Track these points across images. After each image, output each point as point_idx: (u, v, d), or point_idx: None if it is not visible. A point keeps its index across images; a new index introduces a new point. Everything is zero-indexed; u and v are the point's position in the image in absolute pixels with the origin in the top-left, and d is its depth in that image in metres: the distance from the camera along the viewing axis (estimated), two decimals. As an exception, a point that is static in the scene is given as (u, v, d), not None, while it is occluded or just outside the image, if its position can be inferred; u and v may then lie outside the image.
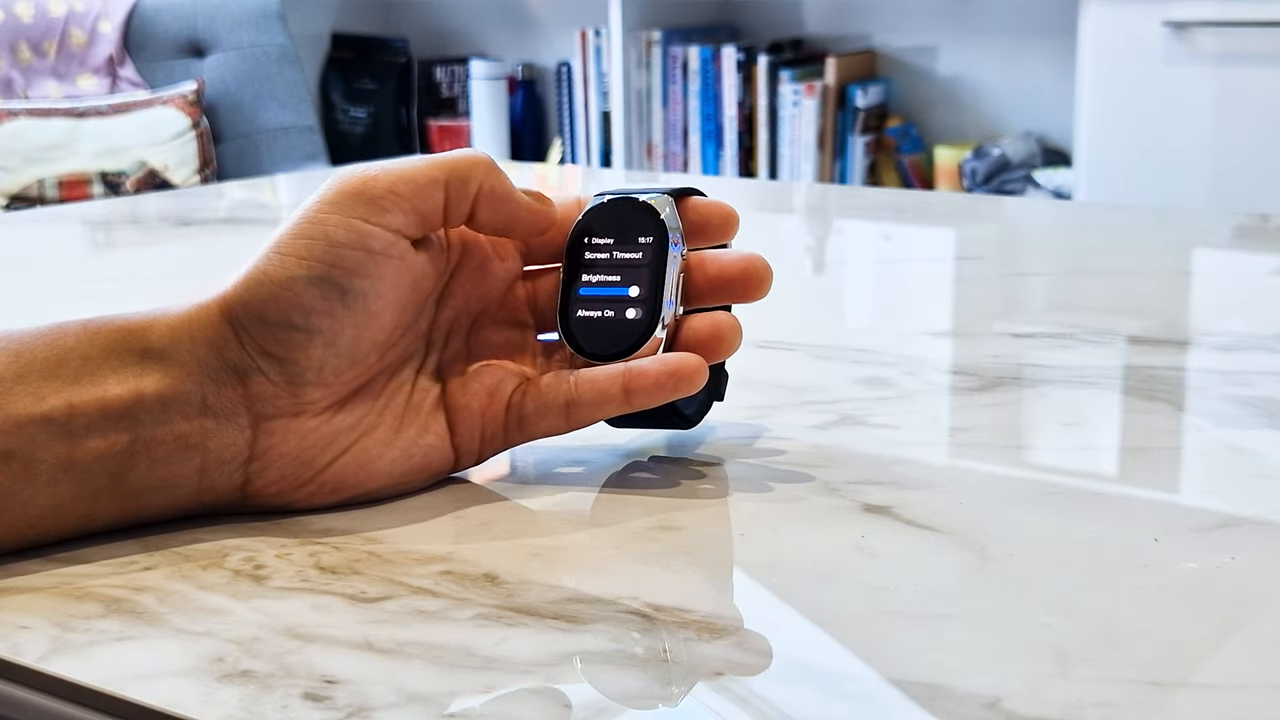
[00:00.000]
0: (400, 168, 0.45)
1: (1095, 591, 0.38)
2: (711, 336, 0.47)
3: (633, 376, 0.46)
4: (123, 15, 2.69)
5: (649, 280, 0.47)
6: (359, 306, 0.44)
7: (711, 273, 0.48)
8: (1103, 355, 0.63)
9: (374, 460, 0.45)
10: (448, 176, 0.45)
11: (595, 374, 0.46)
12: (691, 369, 0.46)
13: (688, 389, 0.46)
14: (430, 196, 0.45)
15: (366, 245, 0.43)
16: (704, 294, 0.48)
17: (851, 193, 1.77)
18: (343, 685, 0.34)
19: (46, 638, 0.37)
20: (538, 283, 0.49)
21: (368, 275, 0.43)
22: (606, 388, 0.46)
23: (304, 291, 0.43)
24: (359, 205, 0.44)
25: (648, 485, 0.47)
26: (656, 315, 0.47)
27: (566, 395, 0.46)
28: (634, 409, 0.46)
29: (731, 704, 0.33)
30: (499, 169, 0.46)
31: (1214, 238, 0.99)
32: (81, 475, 0.41)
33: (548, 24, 3.32)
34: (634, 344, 0.47)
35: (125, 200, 1.39)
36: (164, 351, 0.42)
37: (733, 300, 0.48)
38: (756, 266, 0.47)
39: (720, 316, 0.47)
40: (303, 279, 0.43)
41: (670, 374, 0.45)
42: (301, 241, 0.43)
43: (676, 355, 0.46)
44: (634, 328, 0.47)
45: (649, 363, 0.46)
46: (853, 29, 2.98)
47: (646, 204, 0.48)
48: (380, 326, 0.44)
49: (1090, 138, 2.45)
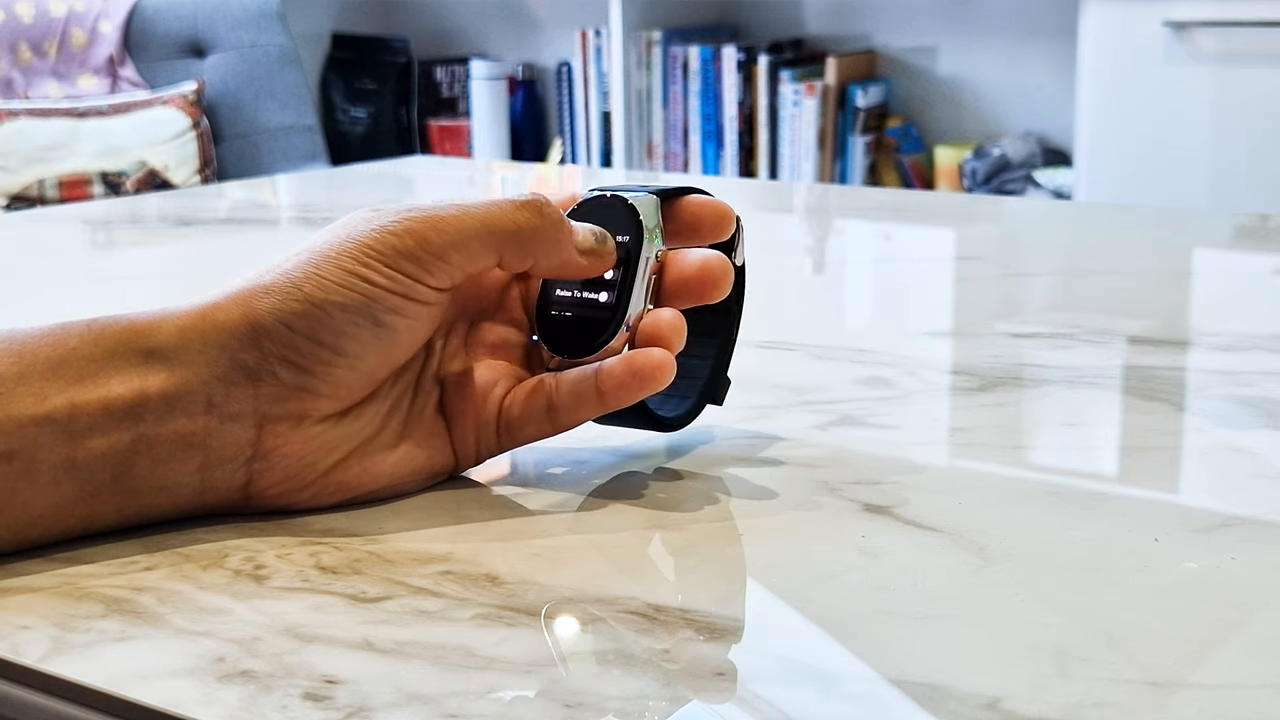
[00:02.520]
0: (458, 229, 0.43)
1: (1095, 591, 0.38)
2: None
3: (602, 378, 0.46)
4: (123, 15, 2.69)
5: (619, 279, 0.47)
6: (388, 338, 0.43)
7: (673, 273, 0.47)
8: (1103, 355, 0.63)
9: (377, 463, 0.45)
10: (502, 245, 0.44)
11: (572, 377, 0.46)
12: (654, 365, 0.45)
13: (652, 385, 0.45)
14: (481, 263, 0.44)
15: (410, 295, 0.43)
16: (670, 294, 0.47)
17: (851, 193, 1.77)
18: (343, 685, 0.34)
19: (47, 638, 0.37)
20: (530, 282, 0.49)
21: (405, 315, 0.43)
22: (582, 390, 0.46)
23: (337, 316, 0.42)
24: (407, 263, 0.43)
25: (648, 485, 0.47)
26: (622, 314, 0.46)
27: (548, 399, 0.46)
28: (609, 409, 0.46)
29: (731, 704, 0.33)
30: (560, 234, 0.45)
31: (1214, 238, 0.99)
32: (83, 475, 0.41)
33: (548, 24, 3.32)
34: (599, 342, 0.46)
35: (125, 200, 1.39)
36: (170, 351, 0.42)
37: (694, 302, 0.47)
38: (711, 267, 0.47)
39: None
40: (337, 305, 0.42)
41: (634, 374, 0.45)
42: (341, 273, 0.42)
43: (640, 352, 0.46)
44: (599, 326, 0.47)
45: (616, 362, 0.46)
46: (853, 29, 2.98)
47: (625, 202, 0.47)
48: (403, 354, 0.45)
49: (1090, 138, 2.45)
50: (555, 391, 0.46)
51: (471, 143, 3.30)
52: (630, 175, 2.46)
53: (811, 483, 0.47)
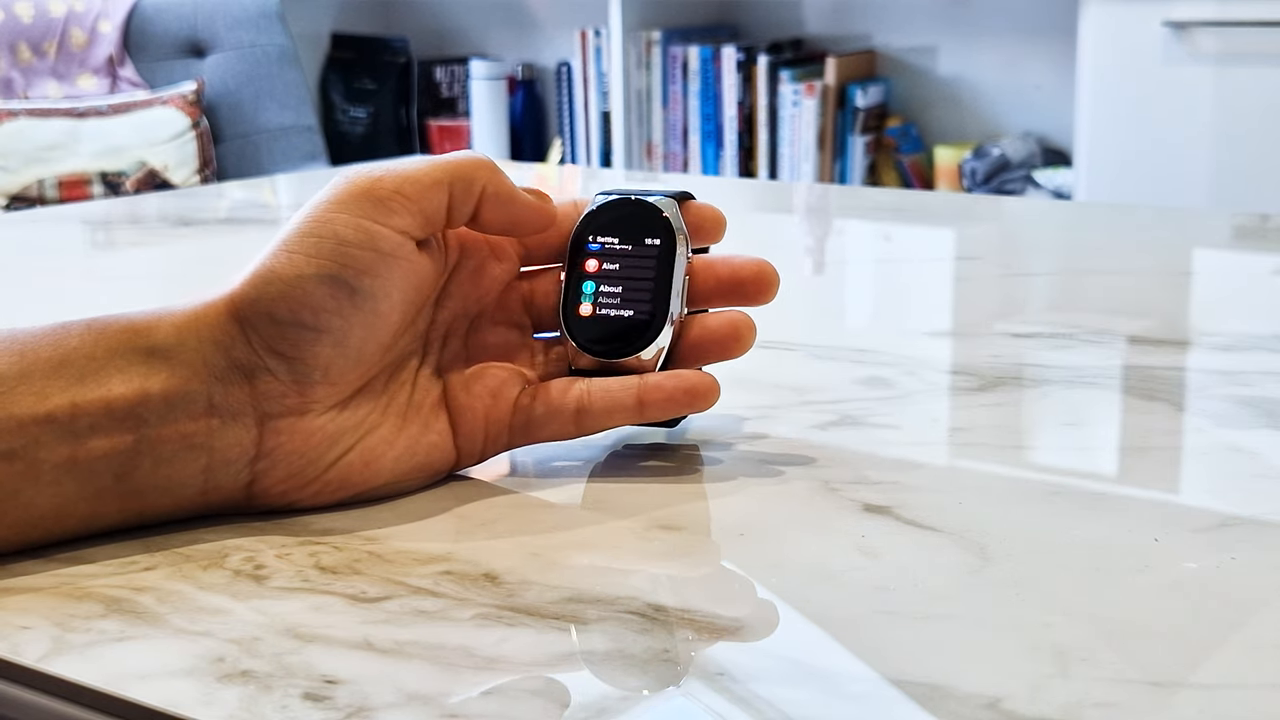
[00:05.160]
0: (405, 169, 0.45)
1: (1095, 591, 0.38)
2: (729, 335, 0.48)
3: (648, 389, 0.46)
4: (123, 15, 2.69)
5: (657, 281, 0.47)
6: (368, 307, 0.44)
7: (723, 274, 0.48)
8: (1103, 355, 0.63)
9: (378, 458, 0.45)
10: (451, 178, 0.45)
11: (608, 383, 0.47)
12: (706, 386, 0.47)
13: (701, 405, 0.47)
14: (434, 198, 0.45)
15: (375, 245, 0.43)
16: (712, 295, 0.49)
17: (851, 193, 1.77)
18: (343, 685, 0.34)
19: (47, 638, 0.37)
20: (535, 283, 0.49)
21: (377, 275, 0.44)
22: (620, 397, 0.46)
23: (313, 289, 0.43)
24: (366, 205, 0.44)
25: (648, 485, 0.47)
26: (664, 316, 0.47)
27: (578, 402, 0.46)
28: (645, 420, 0.47)
29: (731, 704, 0.33)
30: (500, 170, 0.46)
31: (1214, 238, 0.99)
32: (85, 475, 0.41)
33: (548, 24, 3.32)
34: (640, 343, 0.47)
35: (125, 200, 1.39)
36: (169, 350, 0.42)
37: (741, 303, 0.49)
38: (767, 270, 0.48)
39: (737, 315, 0.48)
40: (311, 277, 0.43)
41: (685, 390, 0.46)
42: (310, 239, 0.43)
43: (692, 372, 0.47)
44: (641, 327, 0.47)
45: (664, 376, 0.47)
46: (853, 29, 2.98)
47: (653, 205, 0.48)
48: (387, 327, 0.45)
49: (1090, 138, 2.45)
50: (587, 395, 0.47)
51: (471, 143, 3.30)
52: (630, 175, 2.46)
53: (811, 483, 0.47)
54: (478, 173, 0.46)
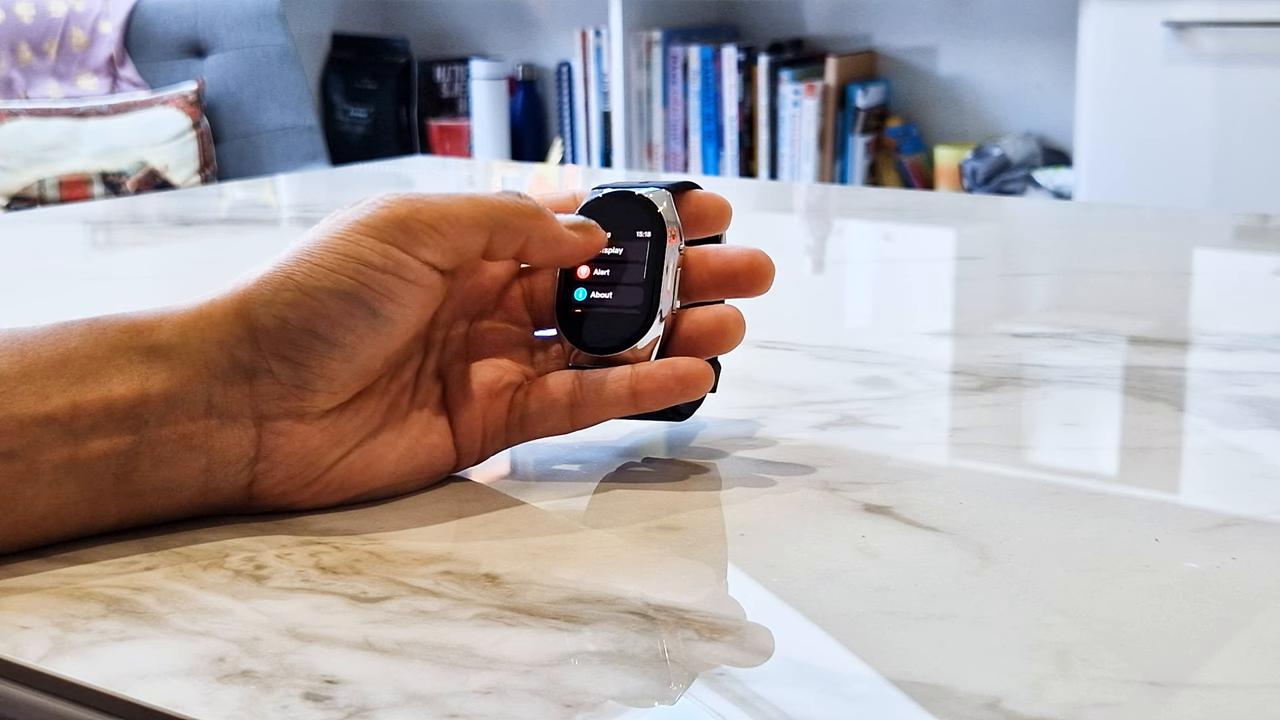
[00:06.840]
0: (445, 204, 0.44)
1: (1095, 591, 0.38)
2: (716, 329, 0.47)
3: (640, 379, 0.46)
4: (123, 15, 2.69)
5: (648, 274, 0.47)
6: (385, 330, 0.43)
7: (715, 266, 0.48)
8: (1103, 355, 0.63)
9: (378, 460, 0.45)
10: (493, 224, 0.44)
11: (601, 375, 0.46)
12: (698, 374, 0.46)
13: (694, 393, 0.46)
14: (472, 240, 0.44)
15: (400, 273, 0.43)
16: (705, 288, 0.48)
17: (851, 193, 1.77)
18: (343, 685, 0.34)
19: (47, 638, 0.37)
20: (534, 280, 0.49)
21: (399, 302, 0.43)
22: (614, 389, 0.46)
23: (329, 303, 0.42)
24: (398, 233, 0.43)
25: (648, 485, 0.47)
26: (655, 309, 0.47)
27: (572, 396, 0.46)
28: (640, 411, 0.47)
29: (731, 704, 0.33)
30: (545, 213, 0.46)
31: (1214, 238, 0.99)
32: (85, 476, 0.41)
33: (548, 24, 3.32)
34: (633, 336, 0.47)
35: (125, 200, 1.39)
36: (171, 349, 0.42)
37: (735, 295, 0.48)
38: (760, 260, 0.48)
39: (724, 309, 0.48)
40: (329, 290, 0.42)
41: (678, 378, 0.46)
42: (334, 256, 0.43)
43: (684, 359, 0.46)
44: (633, 321, 0.47)
45: (656, 366, 0.46)
46: (853, 29, 2.98)
47: (643, 198, 0.48)
48: (397, 346, 0.44)
49: (1090, 138, 2.45)
50: (581, 389, 0.46)
51: (471, 143, 3.30)
52: (630, 175, 2.46)
53: (811, 483, 0.47)
54: (522, 223, 0.45)
